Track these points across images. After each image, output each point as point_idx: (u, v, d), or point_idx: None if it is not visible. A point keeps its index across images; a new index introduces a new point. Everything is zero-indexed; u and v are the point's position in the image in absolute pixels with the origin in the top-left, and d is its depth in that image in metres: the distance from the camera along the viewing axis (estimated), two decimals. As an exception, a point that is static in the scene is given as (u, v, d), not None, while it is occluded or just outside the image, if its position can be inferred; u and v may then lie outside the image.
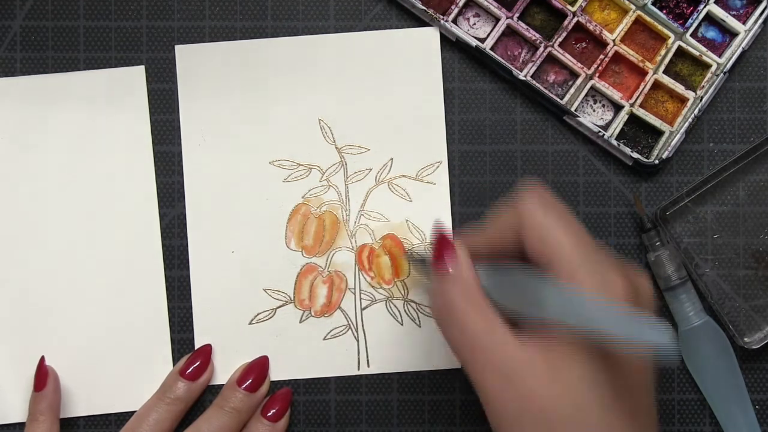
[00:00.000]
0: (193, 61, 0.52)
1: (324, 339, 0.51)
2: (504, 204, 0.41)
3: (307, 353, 0.51)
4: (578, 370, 0.37)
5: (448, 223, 0.51)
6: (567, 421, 0.37)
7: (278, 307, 0.51)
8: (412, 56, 0.51)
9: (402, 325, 0.51)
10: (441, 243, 0.41)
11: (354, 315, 0.51)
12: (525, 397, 0.37)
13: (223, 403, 0.49)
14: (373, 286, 0.51)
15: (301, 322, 0.51)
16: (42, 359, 0.50)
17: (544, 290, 0.37)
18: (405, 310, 0.51)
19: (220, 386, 0.50)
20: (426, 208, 0.51)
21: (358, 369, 0.51)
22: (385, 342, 0.51)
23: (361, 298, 0.51)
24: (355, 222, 0.51)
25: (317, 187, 0.52)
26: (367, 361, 0.51)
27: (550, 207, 0.40)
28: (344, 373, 0.51)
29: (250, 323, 0.51)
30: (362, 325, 0.51)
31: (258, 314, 0.51)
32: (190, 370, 0.49)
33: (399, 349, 0.51)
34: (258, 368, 0.50)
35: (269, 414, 0.49)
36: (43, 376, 0.49)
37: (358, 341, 0.51)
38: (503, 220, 0.41)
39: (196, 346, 0.51)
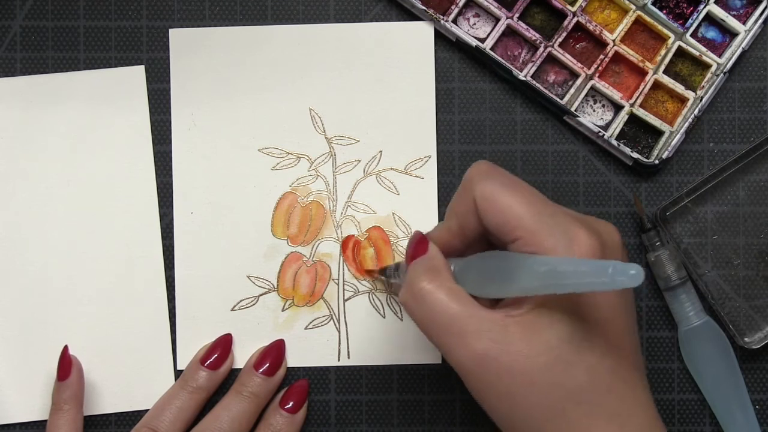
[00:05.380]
0: (187, 45, 0.51)
1: (305, 328, 0.51)
2: (457, 192, 0.41)
3: (288, 342, 0.51)
4: (554, 330, 0.37)
5: (434, 220, 0.51)
6: (555, 384, 0.37)
7: (261, 295, 0.51)
8: (405, 50, 0.51)
9: (384, 317, 0.51)
10: (416, 241, 0.41)
11: (336, 306, 0.51)
12: (507, 370, 0.37)
13: (241, 388, 0.49)
14: (356, 278, 0.51)
15: (283, 310, 0.51)
16: (65, 348, 0.49)
17: (510, 265, 0.36)
18: (388, 303, 0.51)
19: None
20: (413, 202, 0.51)
21: (338, 360, 0.51)
22: (366, 334, 0.51)
23: (344, 289, 0.51)
24: (342, 213, 0.51)
25: (305, 177, 0.52)
26: (348, 352, 0.51)
27: (500, 179, 0.40)
28: (324, 364, 0.51)
29: (232, 309, 0.51)
30: (344, 316, 0.51)
31: (240, 301, 0.51)
32: (210, 359, 0.49)
33: (380, 341, 0.51)
34: (274, 352, 0.50)
35: (287, 406, 0.49)
36: (66, 365, 0.49)
37: (339, 332, 0.51)
38: (461, 207, 0.41)
39: (177, 328, 0.51)
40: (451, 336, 0.38)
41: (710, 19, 0.52)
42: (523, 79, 0.50)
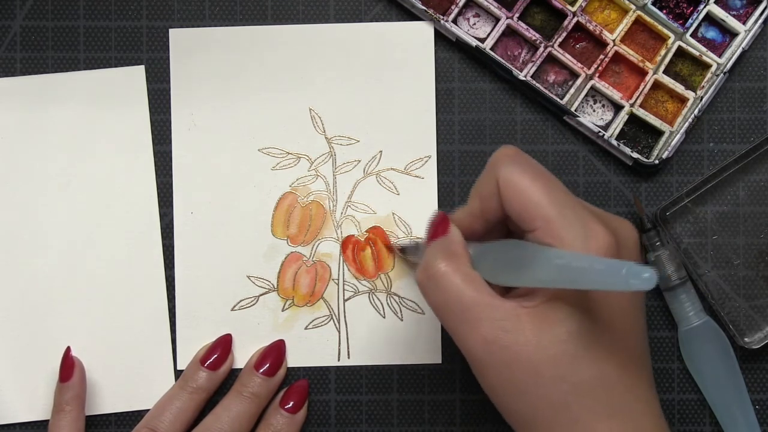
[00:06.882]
0: (187, 45, 0.52)
1: (306, 328, 0.51)
2: (482, 174, 0.41)
3: (288, 342, 0.51)
4: (565, 324, 0.37)
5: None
6: (561, 377, 0.37)
7: (261, 295, 0.51)
8: (406, 50, 0.51)
9: (384, 318, 0.51)
10: (437, 220, 0.41)
11: (336, 306, 0.51)
12: (515, 359, 0.37)
13: (241, 388, 0.49)
14: (356, 278, 0.51)
15: (283, 310, 0.51)
16: (68, 350, 0.50)
17: (527, 255, 0.36)
18: (388, 303, 0.51)
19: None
20: (413, 202, 0.51)
21: (338, 360, 0.51)
22: (366, 334, 0.51)
23: (344, 289, 0.51)
24: (342, 213, 0.52)
25: (305, 177, 0.52)
26: (348, 352, 0.51)
27: (525, 166, 0.40)
28: (324, 364, 0.51)
29: (232, 309, 0.51)
30: (344, 317, 0.51)
31: (240, 301, 0.51)
32: (210, 360, 0.50)
33: (380, 341, 0.51)
34: (274, 352, 0.50)
35: (287, 406, 0.49)
36: (69, 366, 0.49)
37: (339, 332, 0.51)
38: (484, 190, 0.41)
39: (177, 328, 0.51)
40: (463, 321, 0.38)
41: (710, 19, 0.52)
42: (523, 79, 0.50)
